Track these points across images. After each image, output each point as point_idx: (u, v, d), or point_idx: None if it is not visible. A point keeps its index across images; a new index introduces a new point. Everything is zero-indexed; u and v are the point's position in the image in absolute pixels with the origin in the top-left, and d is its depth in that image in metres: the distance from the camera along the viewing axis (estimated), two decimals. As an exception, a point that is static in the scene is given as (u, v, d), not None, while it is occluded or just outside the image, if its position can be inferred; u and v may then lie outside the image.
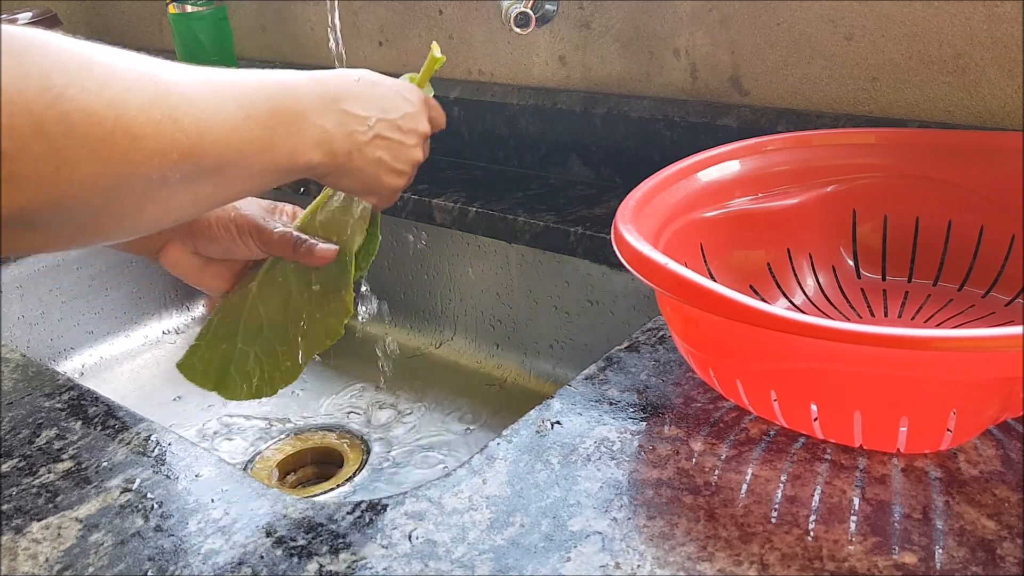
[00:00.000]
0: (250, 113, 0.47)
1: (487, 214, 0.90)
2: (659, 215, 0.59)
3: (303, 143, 0.51)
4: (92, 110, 0.38)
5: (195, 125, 0.43)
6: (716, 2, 0.81)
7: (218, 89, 0.46)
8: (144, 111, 0.40)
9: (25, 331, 0.94)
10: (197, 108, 0.44)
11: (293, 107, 0.50)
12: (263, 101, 0.49)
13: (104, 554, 0.47)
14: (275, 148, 0.49)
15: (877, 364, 0.44)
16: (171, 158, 0.42)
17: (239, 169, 0.47)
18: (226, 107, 0.46)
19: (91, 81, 0.39)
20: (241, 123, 0.46)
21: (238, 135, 0.46)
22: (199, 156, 0.43)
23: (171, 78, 0.43)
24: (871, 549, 0.42)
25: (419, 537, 0.46)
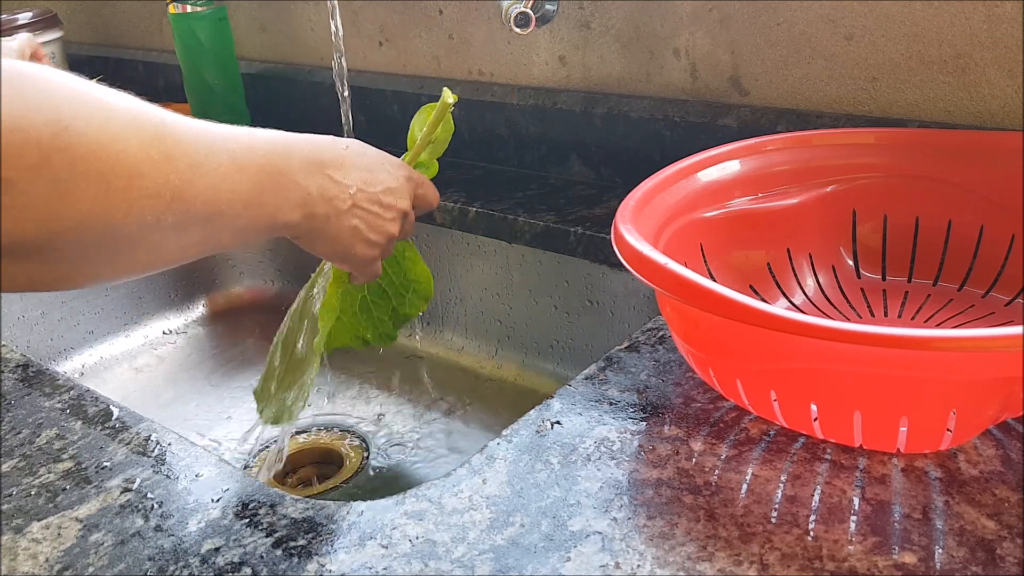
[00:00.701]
0: (241, 166, 0.49)
1: (487, 214, 0.90)
2: (659, 215, 0.59)
3: (286, 202, 0.52)
4: (96, 145, 0.39)
5: (189, 169, 0.44)
6: (716, 2, 0.81)
7: (212, 138, 0.48)
8: (144, 149, 0.42)
9: (25, 331, 0.94)
10: (191, 154, 0.45)
11: (281, 166, 0.52)
12: (253, 157, 0.50)
13: (104, 554, 0.47)
14: (261, 204, 0.51)
15: (877, 364, 0.44)
16: (164, 199, 0.43)
17: (226, 220, 0.49)
18: (218, 157, 0.47)
19: (96, 116, 0.40)
20: (232, 174, 0.48)
21: (228, 185, 0.48)
22: (190, 201, 0.45)
23: (169, 121, 0.45)
24: (871, 549, 0.42)
25: (419, 537, 0.46)
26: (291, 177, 0.53)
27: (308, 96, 1.17)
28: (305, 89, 1.17)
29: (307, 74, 1.17)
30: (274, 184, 0.52)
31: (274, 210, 0.52)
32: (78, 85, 0.41)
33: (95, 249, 0.42)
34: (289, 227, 0.54)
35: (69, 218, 0.39)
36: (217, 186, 0.47)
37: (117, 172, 0.40)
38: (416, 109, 1.06)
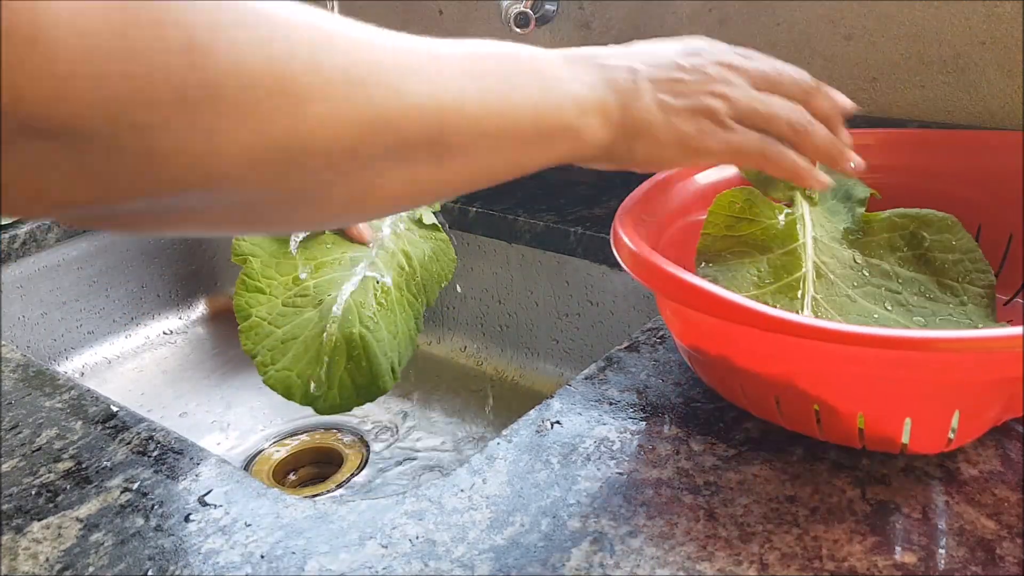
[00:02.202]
0: (484, 56, 0.38)
1: (487, 214, 0.90)
2: (658, 218, 0.59)
3: (550, 100, 0.40)
4: (243, 70, 0.31)
5: (385, 90, 0.35)
6: (716, 2, 0.81)
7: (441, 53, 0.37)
8: (314, 69, 0.33)
9: (25, 331, 0.94)
10: (390, 68, 0.36)
11: (531, 63, 0.40)
12: (491, 60, 0.39)
13: (104, 554, 0.47)
14: (515, 109, 0.39)
15: (878, 366, 0.44)
16: (353, 130, 0.34)
17: (470, 141, 0.38)
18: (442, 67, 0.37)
19: (243, 34, 0.31)
20: (467, 83, 0.37)
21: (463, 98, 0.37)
22: (397, 128, 0.35)
23: (356, 35, 0.36)
24: (871, 549, 0.42)
25: (419, 537, 0.46)
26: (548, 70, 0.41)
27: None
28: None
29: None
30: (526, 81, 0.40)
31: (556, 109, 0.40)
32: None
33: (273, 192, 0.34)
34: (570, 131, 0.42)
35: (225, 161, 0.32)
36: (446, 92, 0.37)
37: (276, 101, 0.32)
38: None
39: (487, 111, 0.38)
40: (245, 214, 0.36)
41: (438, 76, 0.37)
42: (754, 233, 0.58)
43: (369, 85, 0.35)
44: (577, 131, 0.41)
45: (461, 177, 0.39)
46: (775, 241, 0.58)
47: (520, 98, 0.39)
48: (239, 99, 0.31)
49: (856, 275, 0.57)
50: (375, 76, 0.35)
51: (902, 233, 0.59)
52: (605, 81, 0.42)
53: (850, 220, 0.60)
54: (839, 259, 0.57)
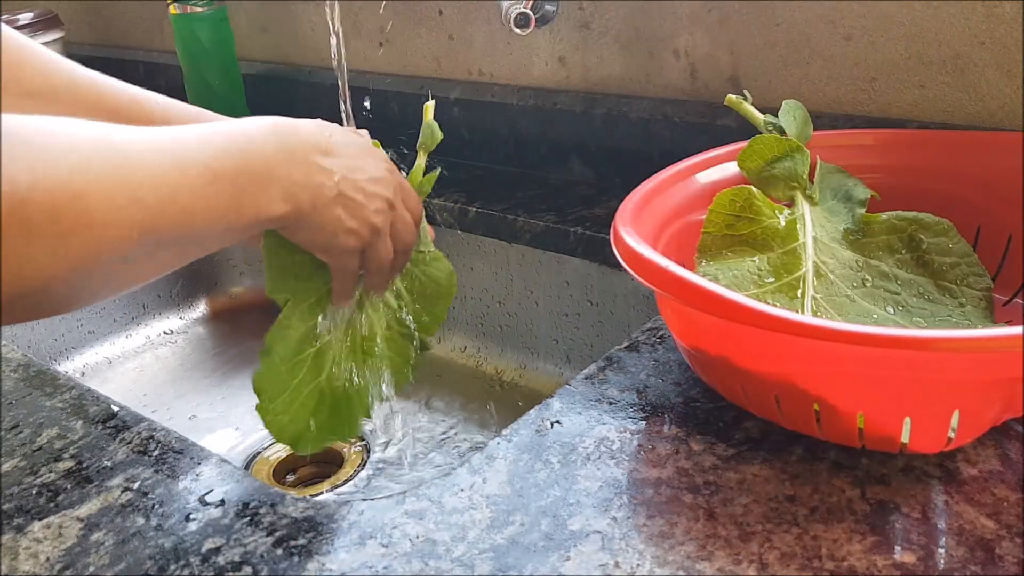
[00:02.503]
0: (217, 174, 0.46)
1: (487, 214, 0.90)
2: (658, 217, 0.59)
3: (269, 199, 0.50)
4: (52, 209, 0.38)
5: (158, 202, 0.42)
6: (716, 2, 0.81)
7: (184, 152, 0.45)
8: (108, 198, 0.40)
9: (26, 331, 0.94)
10: (161, 182, 0.43)
11: (262, 160, 0.50)
12: (229, 160, 0.48)
13: (105, 553, 0.47)
14: (241, 208, 0.48)
15: (878, 365, 0.44)
16: (132, 240, 0.41)
17: (202, 235, 0.47)
18: (191, 173, 0.45)
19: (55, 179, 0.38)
20: (207, 187, 0.46)
21: (204, 201, 0.46)
22: (161, 231, 0.43)
23: (135, 150, 0.43)
24: (870, 549, 0.42)
25: (419, 536, 0.46)
26: (273, 170, 0.50)
27: (308, 96, 1.17)
28: (305, 89, 1.17)
29: (307, 74, 1.17)
30: (255, 183, 0.49)
31: (255, 210, 0.49)
32: (44, 137, 0.39)
33: (65, 294, 0.41)
34: (273, 220, 0.51)
35: (31, 279, 0.38)
36: (191, 206, 0.45)
37: (77, 230, 0.39)
38: (416, 109, 1.06)
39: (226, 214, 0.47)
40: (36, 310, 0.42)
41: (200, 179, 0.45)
42: (754, 232, 0.58)
43: (149, 201, 0.42)
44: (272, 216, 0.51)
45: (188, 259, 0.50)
46: (775, 240, 0.58)
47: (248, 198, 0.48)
48: (47, 231, 0.38)
49: (856, 276, 0.57)
50: (154, 191, 0.42)
51: (900, 235, 0.59)
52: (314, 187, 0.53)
53: (850, 221, 0.60)
54: (839, 259, 0.57)
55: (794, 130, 0.64)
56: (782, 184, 0.61)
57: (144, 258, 0.44)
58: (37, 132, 0.39)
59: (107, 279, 0.43)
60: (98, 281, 0.43)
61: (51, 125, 0.40)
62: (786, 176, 0.61)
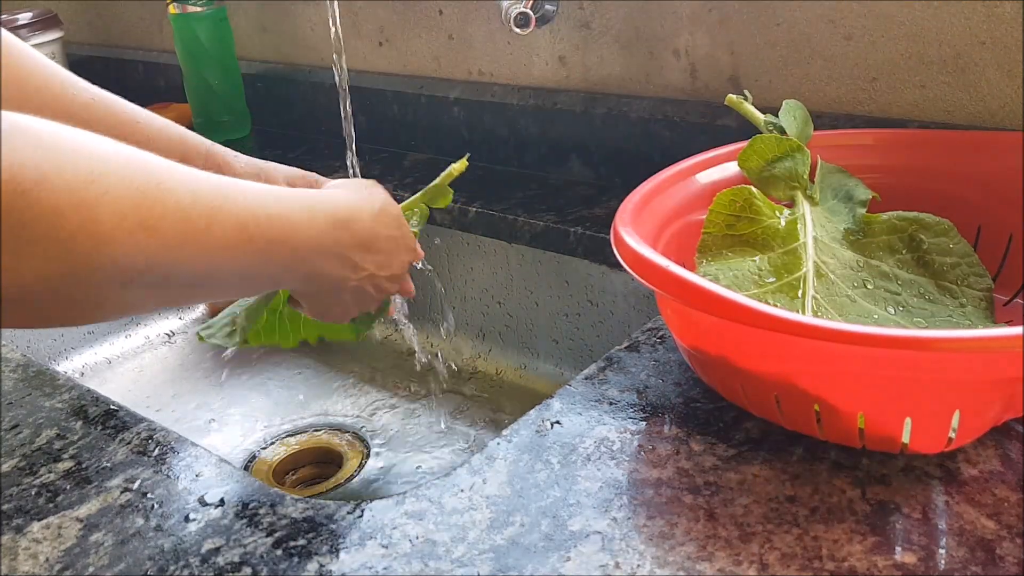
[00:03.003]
0: (252, 235, 0.45)
1: (487, 214, 0.90)
2: (658, 217, 0.59)
3: (295, 276, 0.50)
4: (52, 211, 0.36)
5: (179, 236, 0.41)
6: (716, 2, 0.81)
7: (224, 201, 0.43)
8: (118, 217, 0.38)
9: (26, 331, 0.94)
10: (187, 220, 0.41)
11: (303, 245, 0.49)
12: (270, 228, 0.46)
13: (104, 554, 0.47)
14: (264, 275, 0.48)
15: (879, 365, 0.44)
16: (137, 268, 0.40)
17: (215, 285, 0.46)
18: (224, 224, 0.43)
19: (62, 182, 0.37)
20: (237, 245, 0.44)
21: (228, 255, 0.44)
22: (172, 267, 0.41)
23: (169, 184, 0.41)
24: (871, 549, 0.42)
25: (419, 537, 0.46)
26: (311, 256, 0.49)
27: (308, 96, 1.17)
28: (305, 89, 1.17)
29: (307, 74, 1.17)
30: (287, 259, 0.48)
31: (276, 280, 0.49)
32: (62, 142, 0.38)
33: (55, 303, 0.40)
34: (287, 288, 0.52)
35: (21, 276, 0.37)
36: (213, 255, 0.43)
37: (78, 239, 0.37)
38: (416, 109, 1.06)
39: (245, 277, 0.46)
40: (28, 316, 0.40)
41: (232, 238, 0.44)
42: (755, 232, 0.58)
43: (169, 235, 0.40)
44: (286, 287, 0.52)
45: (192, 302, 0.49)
46: (776, 240, 0.58)
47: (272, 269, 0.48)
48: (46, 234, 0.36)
49: (856, 276, 0.57)
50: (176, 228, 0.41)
51: (901, 236, 0.59)
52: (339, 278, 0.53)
53: (851, 221, 0.60)
54: (839, 259, 0.57)
55: (794, 130, 0.64)
56: (783, 184, 0.61)
57: (148, 289, 0.42)
58: (53, 135, 0.38)
59: (104, 299, 0.41)
60: (95, 298, 0.41)
61: (73, 132, 0.39)
62: (787, 176, 0.61)
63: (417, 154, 1.08)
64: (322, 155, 1.12)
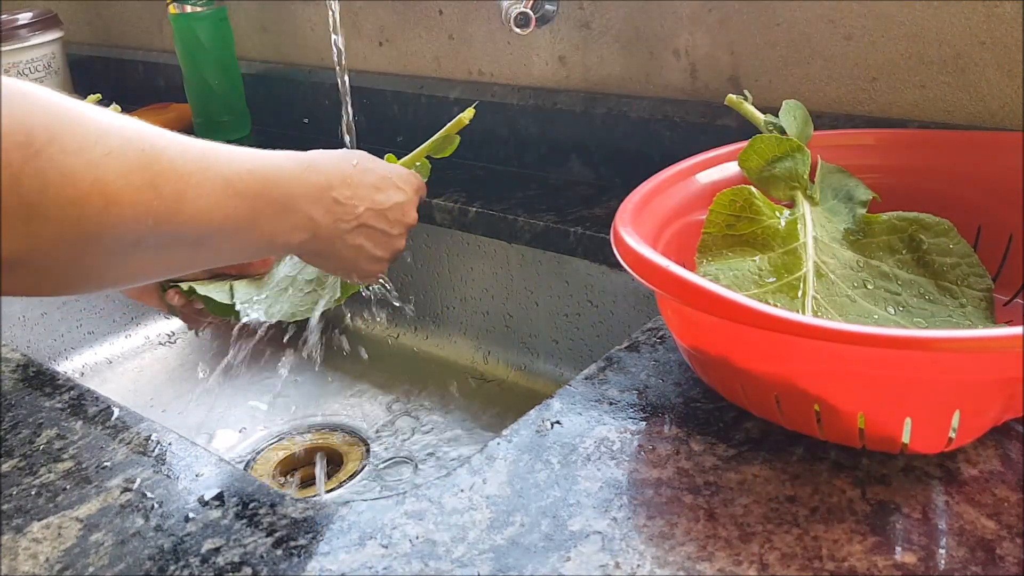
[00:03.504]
0: (237, 190, 0.47)
1: (487, 214, 0.90)
2: (658, 217, 0.59)
3: (286, 227, 0.51)
4: (69, 171, 0.38)
5: (176, 195, 0.43)
6: (716, 2, 0.81)
7: (208, 161, 0.46)
8: (124, 176, 0.41)
9: (26, 331, 0.94)
10: (182, 178, 0.44)
11: (283, 193, 0.51)
12: (253, 181, 0.49)
13: (104, 554, 0.47)
14: (257, 228, 0.49)
15: (879, 365, 0.44)
16: (146, 224, 0.42)
17: (216, 242, 0.48)
18: (213, 181, 0.46)
19: (73, 142, 0.39)
20: (226, 199, 0.47)
21: (221, 211, 0.46)
22: (176, 225, 0.44)
23: (162, 144, 0.44)
24: (871, 549, 0.42)
25: (419, 537, 0.46)
26: (293, 202, 0.52)
27: (308, 96, 1.17)
28: (305, 89, 1.17)
29: (307, 74, 1.17)
30: (273, 211, 0.50)
31: (271, 235, 0.51)
32: (66, 107, 0.40)
33: (72, 266, 0.41)
34: (289, 247, 0.53)
35: (39, 238, 0.38)
36: (209, 210, 0.46)
37: (92, 199, 0.39)
38: (416, 109, 1.06)
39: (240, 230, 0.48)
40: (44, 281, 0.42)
41: (220, 191, 0.46)
42: (755, 232, 0.58)
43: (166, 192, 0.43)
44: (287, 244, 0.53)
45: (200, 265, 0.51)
46: (776, 240, 0.58)
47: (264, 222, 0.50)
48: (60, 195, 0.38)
49: (856, 276, 0.57)
50: (174, 184, 0.43)
51: (901, 236, 0.59)
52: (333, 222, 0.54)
53: (851, 221, 0.60)
54: (839, 259, 0.57)
55: (794, 130, 0.64)
56: (783, 184, 0.61)
57: (157, 251, 0.44)
58: (56, 99, 0.40)
59: (117, 262, 0.43)
60: (107, 261, 0.43)
61: (76, 103, 0.41)
62: (787, 176, 0.61)
63: (417, 154, 1.08)
64: (322, 155, 1.12)
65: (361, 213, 0.56)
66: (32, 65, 1.24)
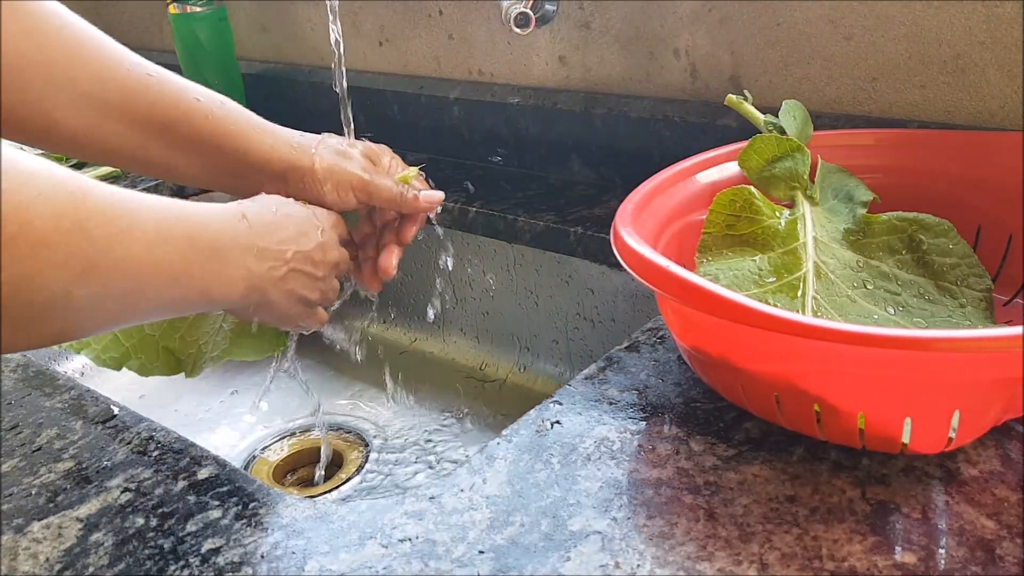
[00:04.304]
0: (167, 237, 0.47)
1: (487, 214, 0.90)
2: (658, 217, 0.59)
3: (222, 278, 0.51)
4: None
5: (105, 239, 0.43)
6: (716, 2, 0.81)
7: (139, 206, 0.46)
8: (54, 219, 0.40)
9: (25, 331, 0.94)
10: (111, 222, 0.43)
11: (213, 239, 0.50)
12: (182, 228, 0.48)
13: (104, 554, 0.47)
14: (192, 278, 0.49)
15: (879, 365, 0.44)
16: (74, 270, 0.41)
17: (149, 294, 0.47)
18: (144, 226, 0.45)
19: (6, 184, 0.38)
20: (157, 246, 0.46)
21: (152, 257, 0.46)
22: (106, 273, 0.43)
23: (90, 189, 0.43)
24: (871, 549, 0.42)
25: (419, 537, 0.46)
26: (224, 251, 0.51)
27: (308, 96, 1.17)
28: (305, 89, 1.17)
29: (307, 74, 1.17)
30: (204, 257, 0.50)
31: (205, 285, 0.50)
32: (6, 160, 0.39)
33: (8, 315, 0.40)
34: (226, 303, 0.53)
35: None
36: (139, 257, 0.45)
37: (17, 242, 0.38)
38: (416, 109, 1.06)
39: (174, 280, 0.48)
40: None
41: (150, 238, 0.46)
42: (755, 232, 0.58)
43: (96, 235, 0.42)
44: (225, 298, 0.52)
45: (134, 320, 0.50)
46: (776, 240, 0.58)
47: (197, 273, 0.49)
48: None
49: (856, 276, 0.57)
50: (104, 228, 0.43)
51: (901, 236, 0.59)
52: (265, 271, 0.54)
53: (851, 221, 0.60)
54: (839, 259, 0.57)
55: (794, 130, 0.64)
56: (783, 184, 0.61)
57: (89, 302, 0.43)
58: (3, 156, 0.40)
59: (46, 312, 0.42)
60: (36, 312, 0.41)
61: (8, 149, 0.40)
62: (787, 176, 0.61)
63: (417, 154, 1.08)
64: (322, 155, 1.11)
65: (289, 258, 0.56)
66: (32, 65, 1.24)
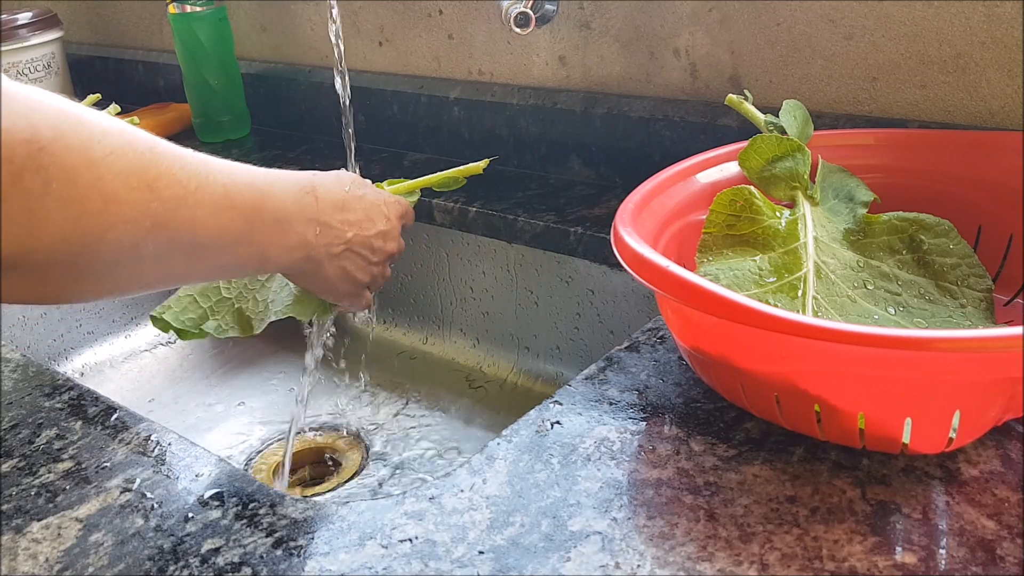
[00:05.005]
0: (235, 203, 0.48)
1: (487, 214, 0.90)
2: (658, 217, 0.59)
3: (281, 245, 0.52)
4: (71, 168, 0.39)
5: (174, 199, 0.44)
6: (716, 2, 0.81)
7: (208, 171, 0.47)
8: (123, 176, 0.41)
9: (25, 331, 0.94)
10: (180, 183, 0.44)
11: (279, 210, 0.52)
12: (250, 195, 0.49)
13: (104, 554, 0.47)
14: (253, 243, 0.50)
15: (880, 365, 0.44)
16: (144, 226, 0.42)
17: (211, 254, 0.48)
18: (211, 189, 0.46)
19: (76, 140, 0.39)
20: (224, 210, 0.47)
21: (217, 221, 0.47)
22: (174, 231, 0.44)
23: (161, 150, 0.44)
24: (871, 549, 0.42)
25: (419, 537, 0.46)
26: (288, 221, 0.52)
27: (308, 96, 1.17)
28: (305, 89, 1.17)
29: (307, 74, 1.17)
30: (268, 225, 0.51)
31: (264, 250, 0.51)
32: (68, 108, 0.40)
33: (72, 268, 0.41)
34: (282, 266, 0.54)
35: (40, 237, 0.39)
36: (204, 219, 0.46)
37: (91, 197, 0.40)
38: (416, 109, 1.06)
39: (236, 243, 0.49)
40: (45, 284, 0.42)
41: (218, 200, 0.47)
42: (755, 232, 0.58)
43: (165, 195, 0.43)
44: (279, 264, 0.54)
45: (194, 278, 0.53)
46: (776, 240, 0.58)
47: (258, 237, 0.50)
48: (62, 190, 0.38)
49: (857, 276, 0.57)
50: (173, 188, 0.44)
51: (901, 236, 0.59)
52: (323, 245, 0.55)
53: (851, 221, 0.60)
54: (840, 259, 0.57)
55: (795, 130, 0.64)
56: (783, 184, 0.61)
57: (154, 258, 0.45)
58: (62, 103, 0.40)
59: (115, 266, 0.43)
60: (106, 265, 0.43)
61: (76, 105, 0.41)
62: (787, 176, 0.61)
63: (417, 154, 1.08)
64: (322, 155, 1.12)
65: (350, 239, 0.57)
66: (32, 65, 1.24)
